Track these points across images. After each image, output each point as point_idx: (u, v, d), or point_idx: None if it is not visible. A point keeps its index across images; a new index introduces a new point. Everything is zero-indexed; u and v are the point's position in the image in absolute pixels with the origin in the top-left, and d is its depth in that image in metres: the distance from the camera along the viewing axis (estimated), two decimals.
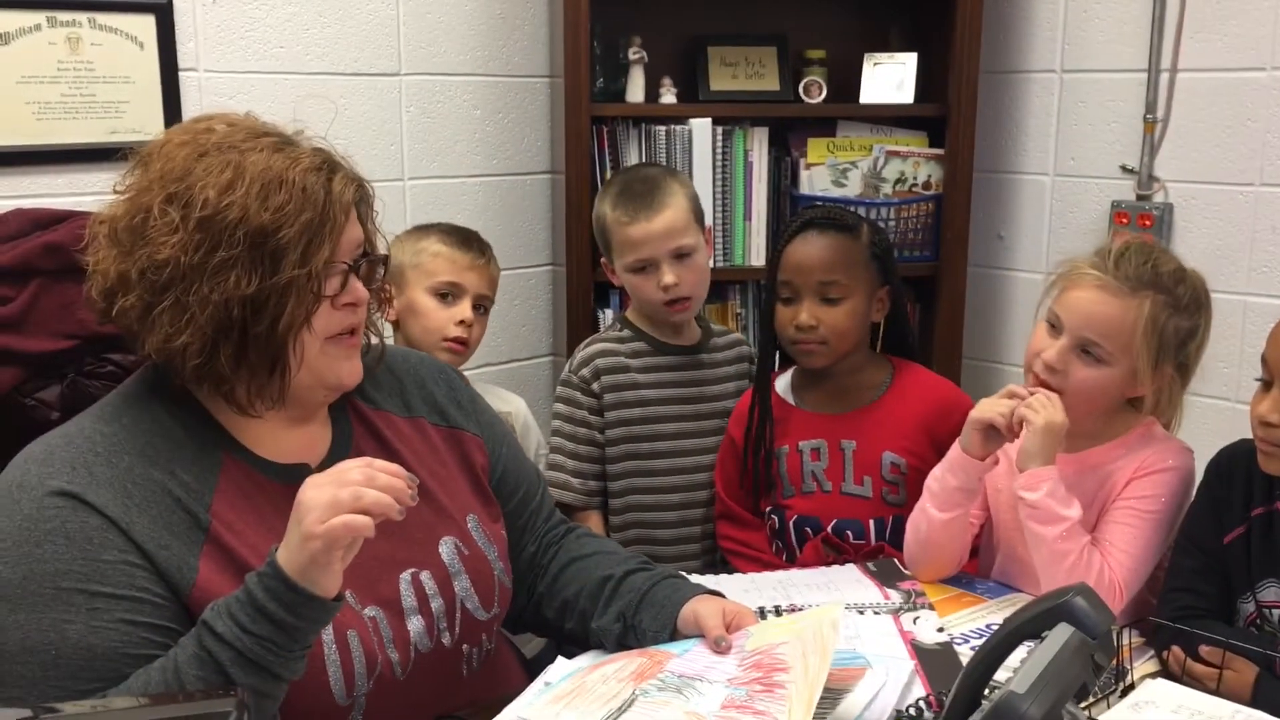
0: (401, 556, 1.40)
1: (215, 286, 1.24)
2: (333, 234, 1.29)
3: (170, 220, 1.25)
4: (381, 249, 1.43)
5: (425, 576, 1.41)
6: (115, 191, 1.32)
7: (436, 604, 1.41)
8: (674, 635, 1.46)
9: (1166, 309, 1.67)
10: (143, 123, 2.36)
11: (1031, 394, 1.69)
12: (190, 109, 2.41)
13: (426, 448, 1.50)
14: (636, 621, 1.48)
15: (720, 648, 1.39)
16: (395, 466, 1.19)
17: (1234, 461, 1.62)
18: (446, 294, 2.19)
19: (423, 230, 2.27)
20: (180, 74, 2.40)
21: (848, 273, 1.98)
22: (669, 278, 2.08)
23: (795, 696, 1.24)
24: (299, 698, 1.25)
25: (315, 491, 1.16)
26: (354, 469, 1.17)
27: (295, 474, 1.36)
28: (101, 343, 1.79)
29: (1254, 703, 1.37)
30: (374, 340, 1.48)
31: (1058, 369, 1.69)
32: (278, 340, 1.28)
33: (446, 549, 1.44)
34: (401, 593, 1.39)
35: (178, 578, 1.24)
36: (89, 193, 2.30)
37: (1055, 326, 1.72)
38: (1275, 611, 1.51)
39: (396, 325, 2.20)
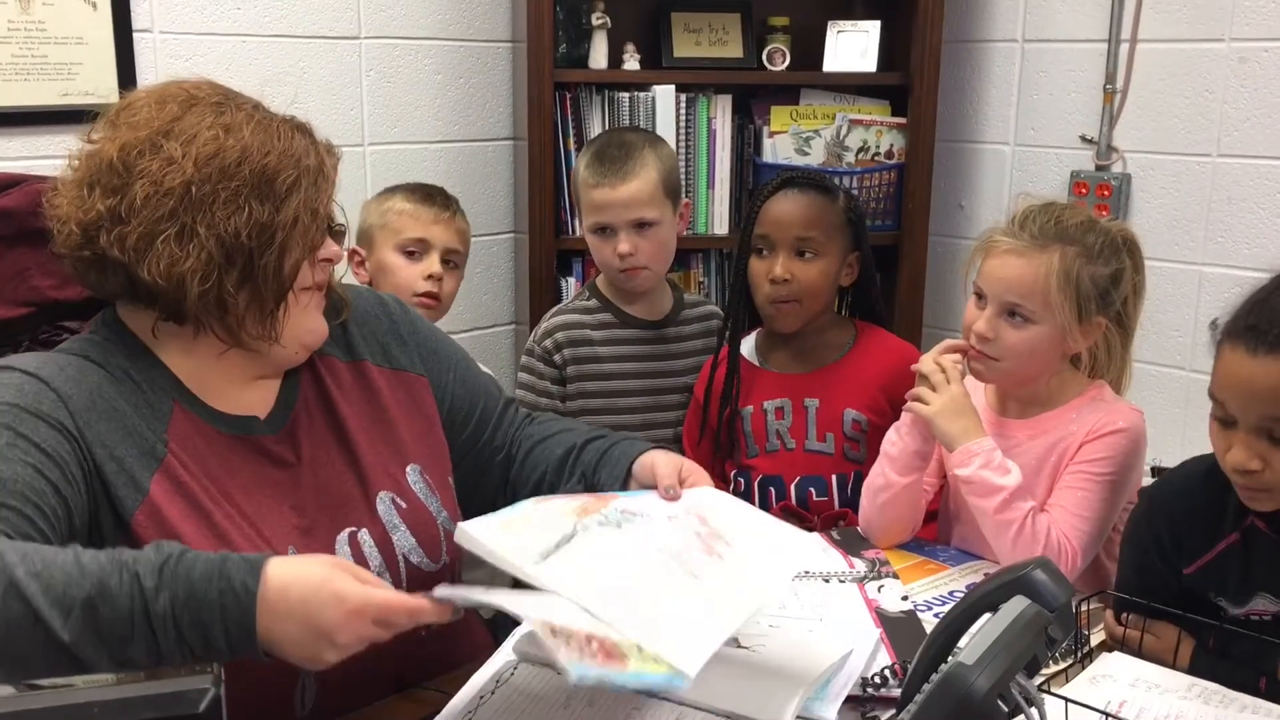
0: (338, 518, 1.40)
1: (227, 215, 1.26)
2: (327, 185, 1.35)
3: (168, 154, 1.26)
4: (339, 218, 1.44)
5: (364, 535, 1.40)
6: (89, 140, 1.31)
7: (375, 562, 1.40)
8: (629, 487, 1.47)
9: (1078, 259, 1.69)
10: (96, 85, 2.31)
11: (959, 360, 1.76)
12: (145, 71, 2.37)
13: (365, 396, 1.49)
14: (596, 480, 1.50)
15: (669, 495, 1.39)
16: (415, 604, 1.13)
17: (1189, 495, 1.50)
18: (414, 250, 2.21)
19: (389, 191, 2.29)
20: (135, 35, 2.35)
21: (824, 231, 2.00)
22: (624, 246, 2.10)
23: (731, 570, 1.24)
24: (244, 659, 1.23)
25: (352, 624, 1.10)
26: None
27: (244, 425, 1.36)
28: (57, 311, 1.76)
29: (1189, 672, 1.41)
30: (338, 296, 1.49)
31: (989, 337, 1.72)
32: (284, 274, 1.30)
33: (383, 505, 1.43)
34: (338, 555, 1.37)
35: (123, 493, 1.24)
36: (40, 156, 2.25)
37: (981, 298, 1.75)
38: (1259, 619, 1.45)
39: (369, 286, 2.19)
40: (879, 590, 1.61)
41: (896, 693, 1.30)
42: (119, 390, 1.29)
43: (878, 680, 1.33)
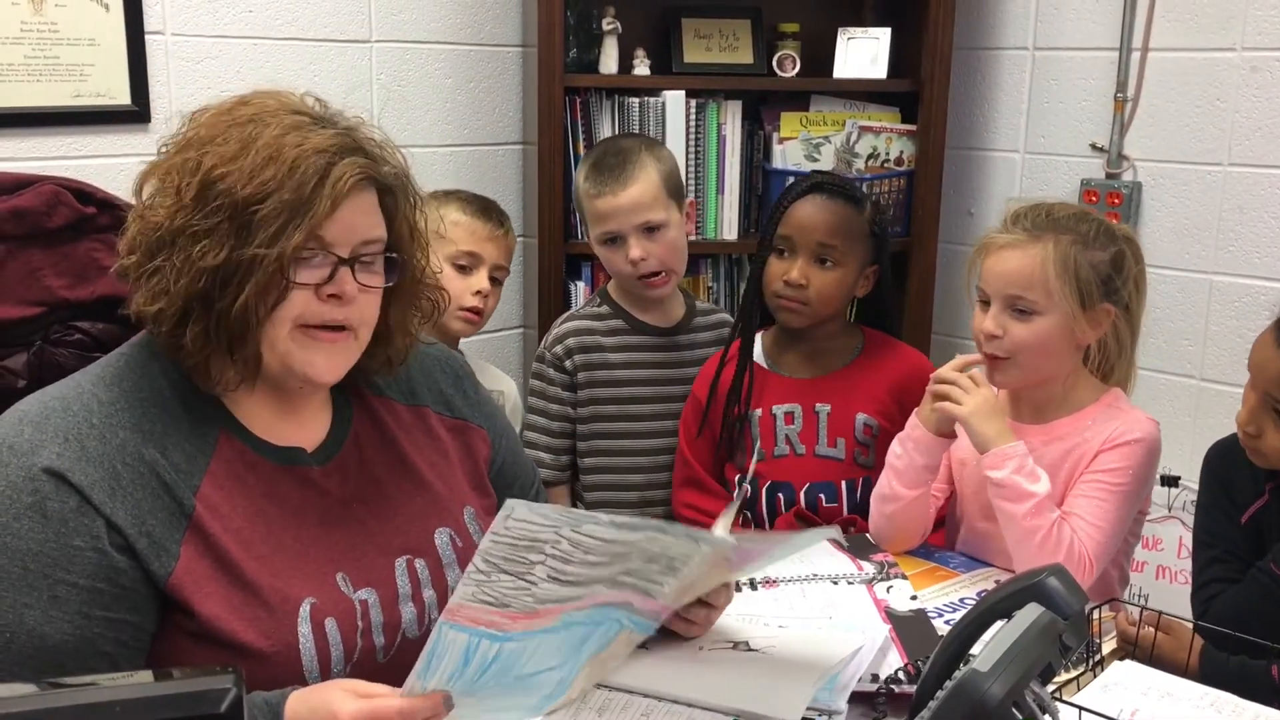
0: (397, 543, 1.39)
1: (191, 253, 1.23)
2: (311, 219, 1.24)
3: (174, 184, 1.25)
4: (414, 249, 1.41)
5: (420, 564, 1.40)
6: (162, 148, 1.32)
7: (428, 594, 1.40)
8: None
9: (1074, 246, 1.70)
10: (108, 86, 2.32)
11: (971, 373, 1.75)
12: (157, 73, 2.37)
13: (426, 437, 1.49)
14: None
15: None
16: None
17: (1233, 451, 1.67)
18: (464, 265, 2.19)
19: (443, 197, 2.24)
20: (146, 37, 2.36)
21: (846, 241, 2.00)
22: (635, 252, 2.09)
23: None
24: (272, 680, 1.23)
25: None
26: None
27: (290, 456, 1.35)
28: (69, 310, 1.76)
29: (1200, 671, 1.46)
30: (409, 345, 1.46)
31: (997, 334, 1.72)
32: (235, 318, 1.24)
33: (441, 539, 1.43)
34: (397, 578, 1.38)
35: (156, 565, 1.23)
36: (52, 157, 2.26)
37: (985, 300, 1.76)
38: None
39: None
40: (888, 591, 1.61)
41: (910, 689, 1.30)
42: (152, 430, 1.27)
43: (889, 681, 1.33)
